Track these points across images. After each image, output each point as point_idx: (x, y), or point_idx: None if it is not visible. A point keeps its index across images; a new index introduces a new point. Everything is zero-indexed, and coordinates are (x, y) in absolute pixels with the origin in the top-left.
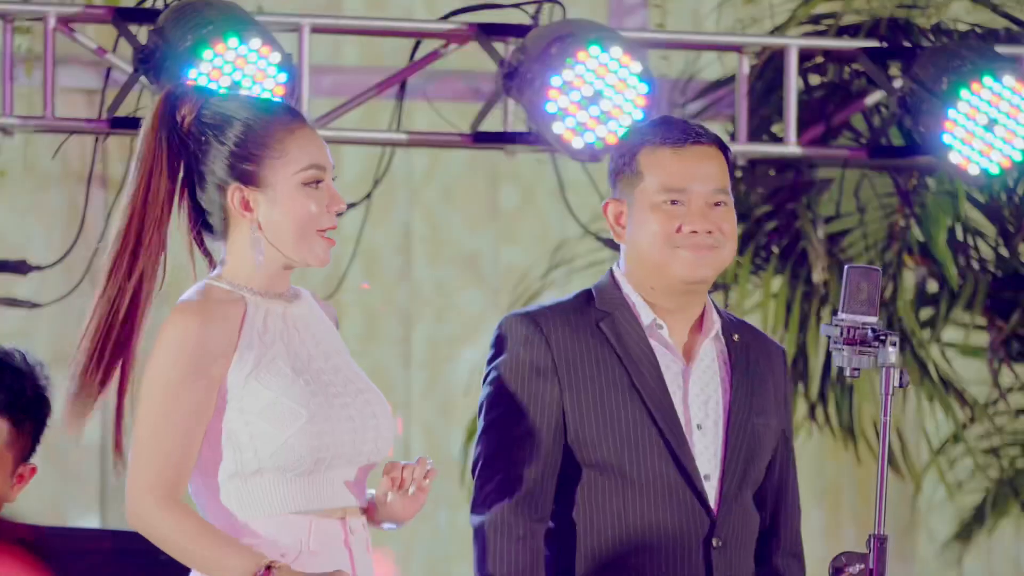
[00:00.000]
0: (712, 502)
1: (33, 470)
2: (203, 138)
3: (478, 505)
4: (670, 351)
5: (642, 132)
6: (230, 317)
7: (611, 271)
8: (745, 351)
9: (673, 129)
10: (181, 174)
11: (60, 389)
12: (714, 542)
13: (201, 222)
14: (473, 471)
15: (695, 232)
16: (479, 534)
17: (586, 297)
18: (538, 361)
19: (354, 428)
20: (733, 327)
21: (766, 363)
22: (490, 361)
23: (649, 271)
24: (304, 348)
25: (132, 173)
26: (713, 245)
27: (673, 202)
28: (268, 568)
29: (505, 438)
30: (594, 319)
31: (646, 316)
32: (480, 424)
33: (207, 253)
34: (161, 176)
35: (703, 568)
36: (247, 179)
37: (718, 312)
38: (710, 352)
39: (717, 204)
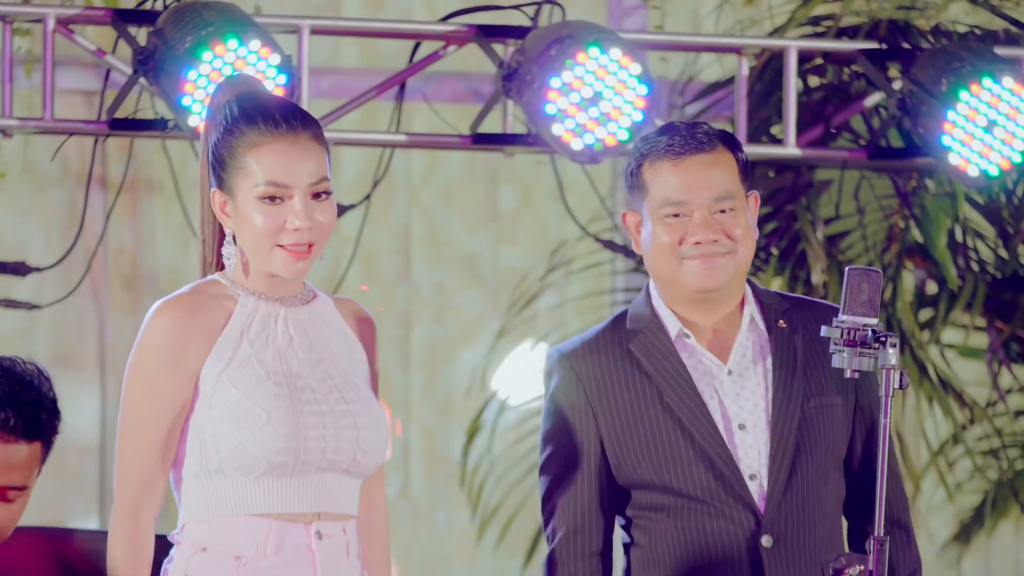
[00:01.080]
0: (759, 500)
1: None
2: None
3: (547, 541)
4: (704, 357)
5: (645, 143)
6: (213, 313)
7: (647, 285)
8: (790, 336)
9: (674, 139)
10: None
11: (59, 389)
12: (763, 541)
13: None
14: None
15: (699, 243)
16: (545, 570)
17: (619, 319)
18: (571, 399)
19: (323, 436)
20: (781, 312)
21: (821, 339)
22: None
23: (663, 283)
24: (290, 351)
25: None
26: (723, 252)
27: (675, 215)
28: None
29: (554, 477)
30: (624, 342)
31: (673, 327)
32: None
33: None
34: (206, 166)
35: (752, 569)
36: (220, 185)
37: (759, 301)
38: (747, 348)
39: (723, 211)
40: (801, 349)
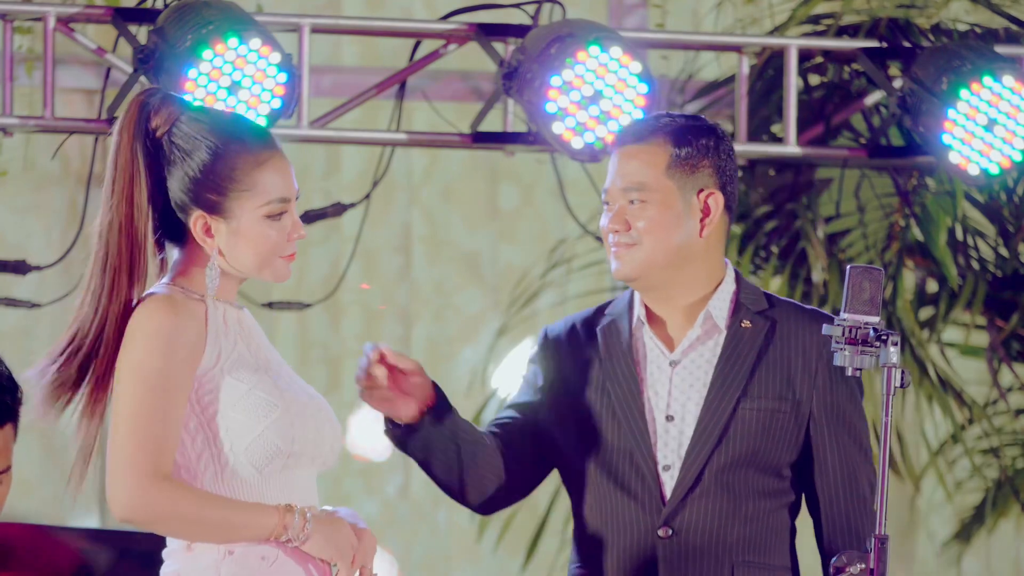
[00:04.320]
0: (667, 492)
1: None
2: (171, 156)
3: None
4: (654, 345)
5: None
6: (196, 313)
7: None
8: (752, 336)
9: (624, 129)
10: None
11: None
12: (661, 532)
13: (163, 227)
14: None
15: (607, 231)
16: None
17: (606, 304)
18: (533, 373)
19: (317, 428)
20: (756, 312)
21: (794, 344)
22: None
23: None
24: (260, 352)
25: (110, 181)
26: (626, 243)
27: (605, 202)
28: (302, 516)
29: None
30: (596, 324)
31: (638, 314)
32: None
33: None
34: (141, 190)
35: (650, 558)
36: (210, 208)
37: (736, 299)
38: (694, 341)
39: (631, 202)
40: (762, 350)
